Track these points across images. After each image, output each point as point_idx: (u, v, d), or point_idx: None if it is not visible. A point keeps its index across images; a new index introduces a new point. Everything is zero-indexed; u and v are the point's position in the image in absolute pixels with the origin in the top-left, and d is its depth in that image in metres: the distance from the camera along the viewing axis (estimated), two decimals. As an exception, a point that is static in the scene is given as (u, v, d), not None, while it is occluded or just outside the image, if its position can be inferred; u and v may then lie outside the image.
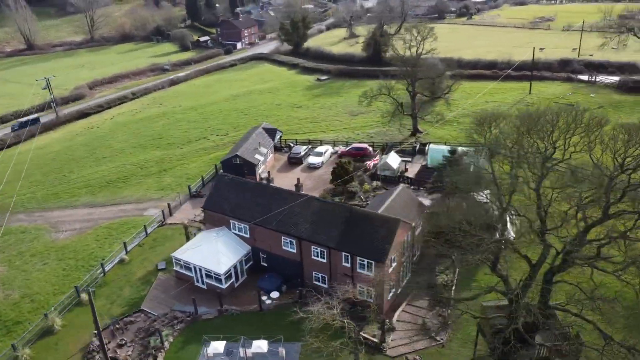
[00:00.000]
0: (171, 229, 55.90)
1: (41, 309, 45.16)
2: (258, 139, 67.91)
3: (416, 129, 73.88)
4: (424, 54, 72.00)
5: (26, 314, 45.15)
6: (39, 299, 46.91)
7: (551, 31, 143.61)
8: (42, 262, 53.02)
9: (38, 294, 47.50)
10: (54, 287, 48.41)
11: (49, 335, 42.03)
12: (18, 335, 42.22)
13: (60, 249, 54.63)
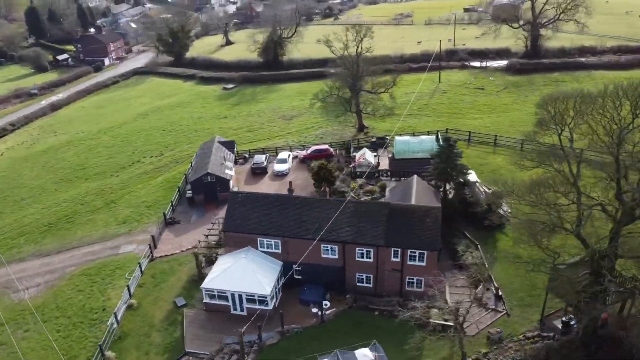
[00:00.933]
0: (166, 262, 51.01)
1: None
2: (221, 154, 64.71)
3: (362, 125, 76.54)
4: (364, 52, 74.77)
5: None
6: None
7: (415, 26, 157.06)
8: (22, 329, 44.75)
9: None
10: (60, 352, 41.28)
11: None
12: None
13: (37, 309, 46.48)
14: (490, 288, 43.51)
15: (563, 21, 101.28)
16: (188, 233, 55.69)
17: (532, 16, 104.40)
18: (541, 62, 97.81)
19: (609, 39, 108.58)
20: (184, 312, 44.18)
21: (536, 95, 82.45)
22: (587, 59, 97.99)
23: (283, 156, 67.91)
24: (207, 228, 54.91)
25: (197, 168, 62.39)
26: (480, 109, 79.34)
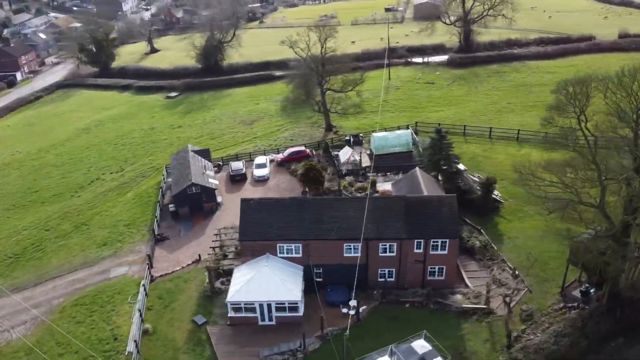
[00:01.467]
0: (169, 281, 48.07)
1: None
2: (199, 163, 62.02)
3: (330, 124, 76.74)
4: (329, 52, 74.93)
5: None
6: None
7: (343, 26, 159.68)
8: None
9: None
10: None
11: None
12: None
13: (36, 346, 41.85)
14: (505, 269, 45.58)
15: (492, 16, 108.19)
16: (182, 248, 52.89)
17: (463, 13, 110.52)
18: (479, 56, 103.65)
19: (529, 32, 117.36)
20: (207, 329, 41.89)
21: (484, 86, 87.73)
22: (518, 50, 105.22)
23: (261, 161, 66.45)
24: (212, 240, 52.29)
25: (178, 180, 59.28)
26: (438, 102, 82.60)
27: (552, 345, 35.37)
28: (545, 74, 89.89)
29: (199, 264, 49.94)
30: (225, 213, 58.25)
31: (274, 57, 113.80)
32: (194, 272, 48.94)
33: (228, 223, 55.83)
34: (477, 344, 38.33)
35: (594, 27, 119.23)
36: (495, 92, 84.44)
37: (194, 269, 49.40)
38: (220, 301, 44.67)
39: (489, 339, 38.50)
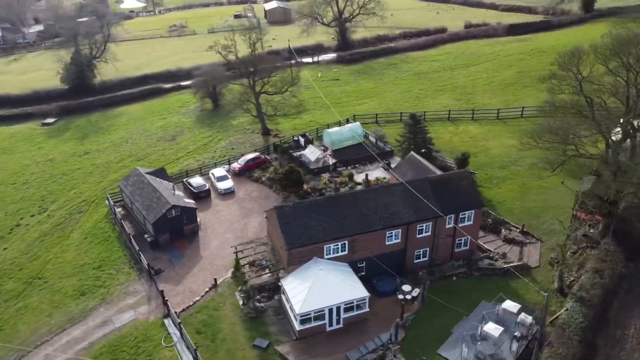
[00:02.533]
0: (196, 314, 42.86)
1: None
2: (162, 185, 55.75)
3: (266, 128, 74.73)
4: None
5: None
6: None
7: (200, 35, 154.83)
8: None
9: None
10: None
11: None
12: None
13: None
14: (511, 228, 50.39)
15: (364, 14, 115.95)
16: (186, 278, 47.38)
17: (338, 13, 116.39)
18: (365, 51, 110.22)
19: (394, 28, 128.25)
20: (278, 350, 38.62)
21: (388, 77, 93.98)
22: (398, 44, 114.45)
23: (221, 173, 62.22)
24: (235, 259, 47.51)
25: (149, 206, 52.49)
26: (356, 95, 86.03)
27: (599, 279, 40.61)
28: (431, 62, 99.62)
29: (217, 288, 45.40)
30: (209, 233, 53.58)
31: (152, 69, 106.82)
32: (217, 298, 44.34)
33: (219, 242, 51.71)
34: (534, 295, 42.05)
35: (433, 21, 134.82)
36: (400, 81, 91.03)
37: (215, 294, 44.78)
38: (267, 318, 41.64)
39: (541, 289, 42.50)
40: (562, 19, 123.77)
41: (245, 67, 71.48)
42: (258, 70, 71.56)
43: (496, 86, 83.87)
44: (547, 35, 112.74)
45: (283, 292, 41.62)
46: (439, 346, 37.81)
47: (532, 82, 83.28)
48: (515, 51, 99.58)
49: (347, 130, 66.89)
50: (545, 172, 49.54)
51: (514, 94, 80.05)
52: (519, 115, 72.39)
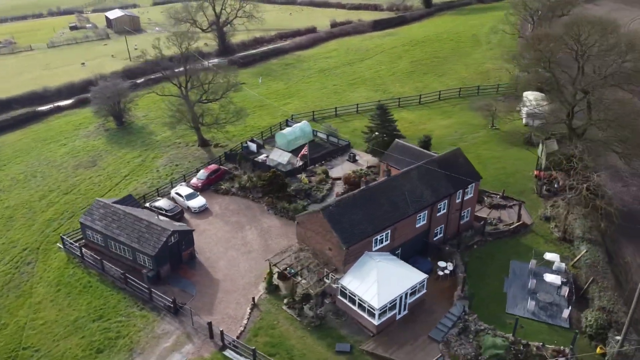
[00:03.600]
0: (255, 339, 39.53)
1: None
2: (141, 212, 49.50)
3: (203, 139, 70.05)
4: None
5: None
6: None
7: (39, 51, 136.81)
8: None
9: None
10: None
11: None
12: None
13: None
14: (491, 195, 55.97)
15: (241, 18, 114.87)
16: (217, 303, 43.26)
17: (215, 17, 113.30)
18: (256, 53, 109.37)
19: (269, 30, 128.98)
20: (364, 350, 37.85)
21: (294, 77, 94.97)
22: (284, 44, 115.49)
23: (188, 190, 57.12)
24: (277, 271, 44.08)
25: (141, 237, 46.04)
26: (275, 97, 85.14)
27: (590, 222, 47.79)
28: (325, 59, 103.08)
29: (258, 306, 42.39)
30: (208, 254, 49.30)
31: (8, 93, 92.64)
32: (266, 316, 41.43)
33: (226, 261, 48.17)
34: (546, 246, 47.66)
35: (291, 22, 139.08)
36: (309, 79, 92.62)
37: (262, 313, 41.77)
38: (330, 323, 40.53)
39: (548, 241, 48.38)
40: (413, 13, 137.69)
41: (176, 75, 66.31)
42: (191, 76, 67.02)
43: (400, 76, 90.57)
44: (409, 28, 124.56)
45: (343, 293, 40.74)
46: (503, 307, 41.00)
47: (429, 69, 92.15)
48: (394, 44, 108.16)
49: (298, 131, 66.56)
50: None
51: (420, 81, 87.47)
52: (437, 99, 79.55)
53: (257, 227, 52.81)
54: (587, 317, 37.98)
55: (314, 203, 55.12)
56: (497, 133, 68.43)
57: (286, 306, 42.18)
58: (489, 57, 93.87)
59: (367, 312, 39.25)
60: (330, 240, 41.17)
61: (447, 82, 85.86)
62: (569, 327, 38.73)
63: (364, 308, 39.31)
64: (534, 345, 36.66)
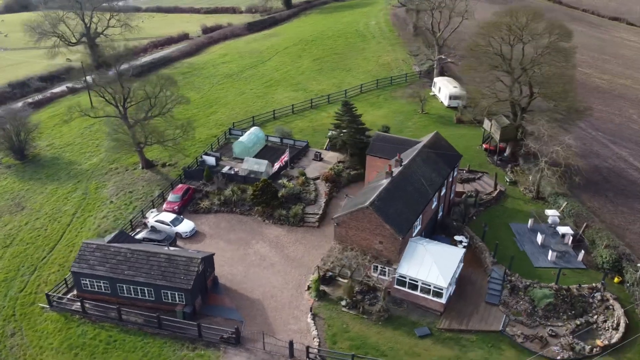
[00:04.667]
0: (332, 345, 38.67)
1: None
2: (146, 247, 44.12)
3: (147, 161, 63.57)
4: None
5: None
6: None
7: None
8: None
9: None
10: None
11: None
12: None
13: None
14: (459, 171, 61.37)
15: (115, 27, 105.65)
16: (275, 324, 41.16)
17: (86, 29, 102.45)
18: (140, 65, 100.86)
19: (140, 39, 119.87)
20: (443, 328, 39.68)
21: (204, 86, 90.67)
22: (168, 52, 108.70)
23: (170, 216, 52.11)
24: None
25: (166, 272, 41.10)
26: (197, 107, 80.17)
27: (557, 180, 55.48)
28: (223, 64, 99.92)
29: (318, 315, 41.39)
30: (228, 276, 46.19)
31: None
32: (331, 322, 40.72)
33: (254, 278, 45.86)
34: (526, 206, 54.29)
35: (166, 28, 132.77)
36: (220, 86, 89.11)
37: (326, 320, 40.94)
38: (395, 312, 41.56)
39: (525, 202, 55.17)
40: (282, 14, 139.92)
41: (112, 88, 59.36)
42: (129, 89, 60.60)
43: (311, 74, 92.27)
44: (285, 28, 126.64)
45: (401, 282, 41.90)
46: (529, 263, 46.08)
47: (334, 65, 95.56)
48: (285, 44, 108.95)
49: (253, 137, 64.70)
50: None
51: (334, 77, 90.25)
52: (359, 92, 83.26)
53: (264, 240, 50.74)
54: (602, 256, 44.99)
55: (308, 205, 54.76)
56: (429, 116, 74.76)
57: (346, 308, 41.95)
58: (382, 50, 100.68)
59: (432, 294, 41.14)
60: (381, 233, 42.00)
61: (358, 75, 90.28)
62: (585, 267, 45.42)
63: (429, 290, 41.12)
64: (573, 288, 42.42)
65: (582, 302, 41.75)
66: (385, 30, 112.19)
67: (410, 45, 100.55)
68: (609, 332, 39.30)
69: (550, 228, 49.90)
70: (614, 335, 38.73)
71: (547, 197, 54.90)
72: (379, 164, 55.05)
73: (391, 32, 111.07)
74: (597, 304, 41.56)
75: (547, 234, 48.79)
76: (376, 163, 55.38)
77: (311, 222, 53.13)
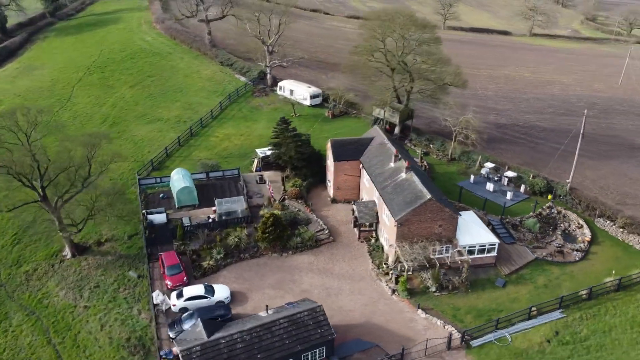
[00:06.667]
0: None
1: None
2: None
3: (76, 246, 49.58)
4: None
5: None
6: None
7: None
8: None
9: None
10: None
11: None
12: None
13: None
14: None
15: None
16: (403, 334, 42.20)
17: None
18: None
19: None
20: (507, 273, 48.41)
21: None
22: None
23: (198, 289, 44.64)
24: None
25: (295, 338, 36.98)
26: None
27: (467, 140, 69.13)
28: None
29: (427, 309, 44.64)
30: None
31: None
32: (444, 309, 44.80)
33: (339, 313, 44.94)
34: (451, 166, 66.49)
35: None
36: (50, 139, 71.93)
37: (437, 310, 44.57)
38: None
39: (448, 164, 67.29)
40: (14, 41, 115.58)
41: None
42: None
43: (147, 102, 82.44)
44: (30, 56, 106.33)
45: (460, 253, 48.19)
46: (498, 204, 58.19)
47: (161, 89, 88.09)
48: (70, 79, 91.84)
49: (188, 179, 57.97)
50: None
51: (176, 100, 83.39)
52: (219, 110, 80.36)
53: (303, 271, 49.20)
54: (537, 184, 60.78)
55: (305, 225, 54.36)
56: (305, 118, 79.31)
57: (437, 292, 46.28)
58: (194, 65, 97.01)
59: (486, 251, 49.26)
60: (441, 217, 47.55)
61: (197, 93, 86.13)
62: (528, 196, 60.58)
63: (484, 250, 49.03)
64: (541, 211, 56.91)
65: (551, 218, 56.76)
66: (171, 45, 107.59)
67: (220, 56, 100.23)
68: (582, 230, 55.27)
69: (492, 176, 63.35)
70: (586, 233, 54.80)
71: (459, 157, 68.53)
72: (347, 167, 58.86)
73: (178, 46, 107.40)
74: (558, 216, 57.19)
75: (494, 181, 62.23)
76: (344, 167, 58.87)
77: (325, 239, 53.38)
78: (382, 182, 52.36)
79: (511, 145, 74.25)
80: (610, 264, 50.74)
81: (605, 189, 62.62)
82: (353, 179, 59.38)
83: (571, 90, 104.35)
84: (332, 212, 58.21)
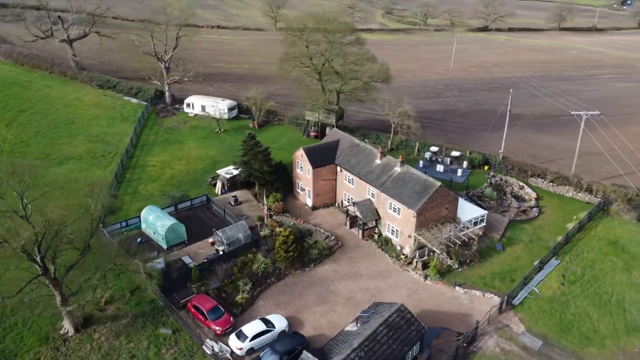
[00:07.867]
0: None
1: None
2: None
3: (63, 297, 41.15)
4: None
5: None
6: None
7: None
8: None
9: None
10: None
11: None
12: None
13: None
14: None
15: None
16: (464, 321, 45.50)
17: None
18: None
19: None
20: (498, 238, 55.16)
21: None
22: None
23: (255, 328, 41.65)
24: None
25: (397, 341, 37.56)
26: None
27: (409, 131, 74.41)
28: None
29: (464, 285, 48.67)
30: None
31: None
32: (469, 280, 49.04)
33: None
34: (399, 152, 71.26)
35: None
36: None
37: (478, 285, 48.82)
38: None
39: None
40: None
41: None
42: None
43: (43, 138, 70.33)
44: None
45: (466, 227, 53.35)
46: (452, 182, 64.97)
47: (49, 123, 76.20)
48: None
49: (161, 215, 52.32)
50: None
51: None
52: (137, 139, 72.51)
53: (333, 281, 49.08)
54: (476, 159, 69.18)
55: (310, 236, 53.84)
56: (231, 132, 76.48)
57: (460, 268, 50.66)
58: (71, 92, 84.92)
59: (479, 223, 55.22)
60: (447, 201, 52.01)
61: (97, 122, 76.20)
62: (470, 170, 68.67)
63: (477, 222, 54.91)
64: (491, 181, 65.42)
65: (498, 185, 65.62)
66: (23, 72, 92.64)
67: (96, 79, 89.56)
68: (524, 190, 65.14)
69: (437, 157, 69.74)
70: (530, 192, 64.79)
71: (398, 147, 73.87)
72: (324, 172, 59.68)
73: (33, 72, 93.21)
74: (502, 182, 66.38)
75: (443, 162, 68.85)
76: (321, 172, 59.46)
77: (335, 245, 53.55)
78: (377, 180, 54.62)
79: (426, 130, 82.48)
80: (558, 212, 61.13)
81: (522, 152, 74.21)
82: (329, 183, 60.33)
83: (422, 76, 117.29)
84: (319, 220, 58.35)
